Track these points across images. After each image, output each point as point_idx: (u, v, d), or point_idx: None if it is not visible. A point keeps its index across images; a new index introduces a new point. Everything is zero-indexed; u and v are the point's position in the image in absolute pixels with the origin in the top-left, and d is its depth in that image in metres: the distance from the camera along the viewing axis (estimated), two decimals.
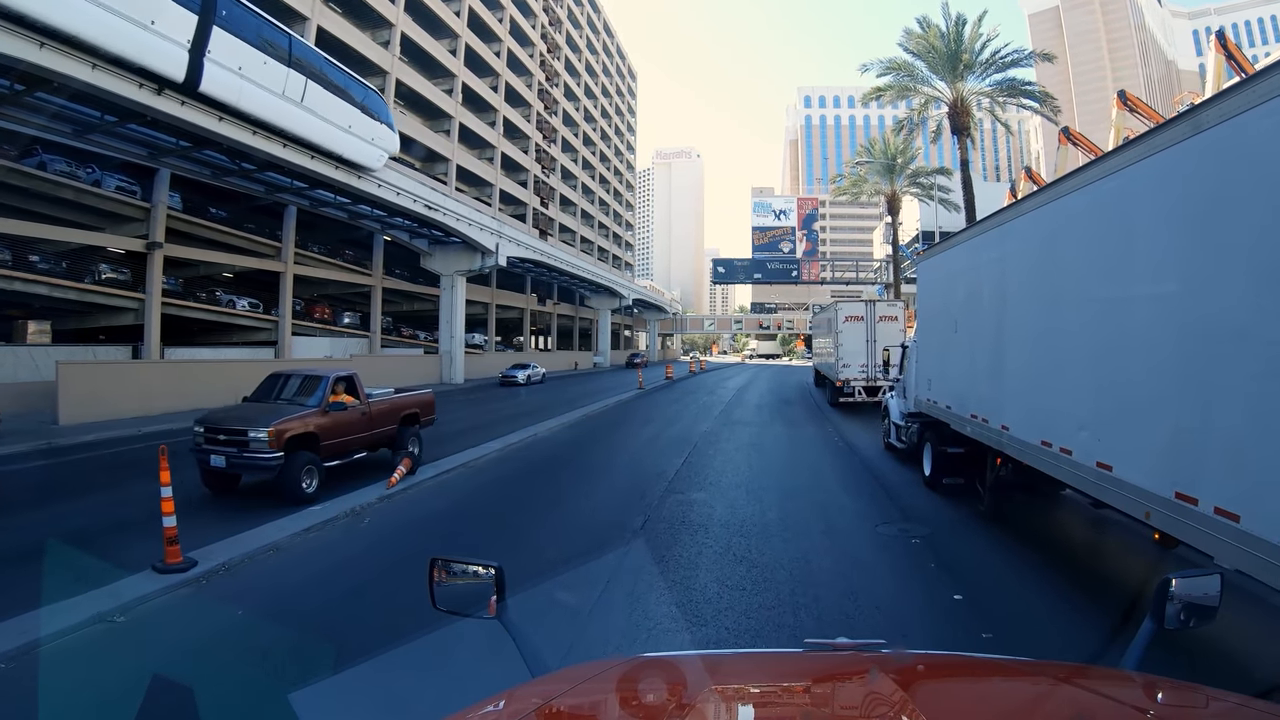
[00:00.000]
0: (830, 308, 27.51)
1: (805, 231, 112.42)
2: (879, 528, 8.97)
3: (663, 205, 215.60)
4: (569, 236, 71.51)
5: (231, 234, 28.56)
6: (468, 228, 34.89)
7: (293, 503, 9.69)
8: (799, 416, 22.93)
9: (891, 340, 21.93)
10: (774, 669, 2.08)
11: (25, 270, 21.60)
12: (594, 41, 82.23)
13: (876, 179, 46.66)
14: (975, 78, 31.44)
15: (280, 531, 8.51)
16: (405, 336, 42.76)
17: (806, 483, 12.12)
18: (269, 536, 8.33)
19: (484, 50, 50.90)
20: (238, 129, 20.17)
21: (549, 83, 65.33)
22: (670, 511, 9.66)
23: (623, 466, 13.40)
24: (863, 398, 23.20)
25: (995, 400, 8.90)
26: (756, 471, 13.00)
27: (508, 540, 8.46)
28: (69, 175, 22.61)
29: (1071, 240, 6.94)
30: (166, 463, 7.19)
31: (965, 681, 1.89)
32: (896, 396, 14.79)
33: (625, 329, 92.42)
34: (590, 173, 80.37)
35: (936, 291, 12.01)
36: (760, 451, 15.41)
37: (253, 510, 9.47)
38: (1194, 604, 1.88)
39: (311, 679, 4.65)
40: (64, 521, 9.20)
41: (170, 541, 7.10)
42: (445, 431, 18.62)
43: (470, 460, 13.33)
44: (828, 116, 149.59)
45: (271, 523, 8.77)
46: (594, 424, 20.38)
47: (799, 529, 8.91)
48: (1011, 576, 7.26)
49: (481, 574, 2.10)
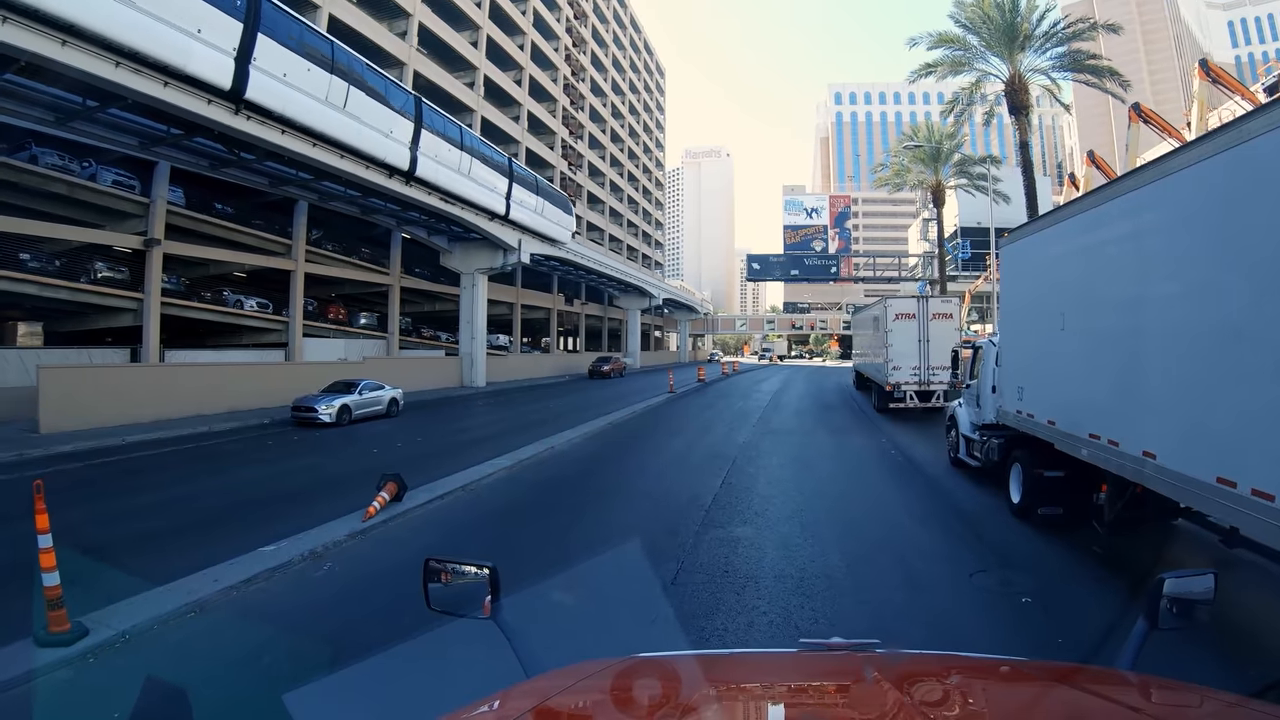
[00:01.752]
0: (876, 304, 25.47)
1: (838, 230, 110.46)
2: (974, 577, 6.98)
3: (692, 205, 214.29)
4: (597, 235, 69.72)
5: (238, 230, 27.07)
6: (488, 223, 33.11)
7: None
8: (845, 424, 20.78)
9: (944, 340, 20.36)
10: (769, 669, 2.10)
11: (14, 269, 20.19)
12: (621, 36, 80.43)
13: (920, 168, 44.08)
14: (1034, 52, 28.96)
15: (212, 582, 6.70)
16: (425, 338, 41.15)
17: (869, 511, 10.09)
18: (197, 590, 6.54)
19: (507, 43, 49.33)
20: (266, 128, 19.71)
21: (575, 77, 63.67)
22: (709, 556, 7.68)
23: (651, 490, 11.35)
24: (914, 403, 21.20)
25: (1129, 417, 6.82)
26: (808, 495, 10.97)
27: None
28: (61, 169, 21.25)
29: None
30: (43, 503, 5.49)
31: (959, 681, 1.85)
32: (966, 405, 12.75)
33: (655, 329, 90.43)
34: (619, 170, 78.58)
35: (1030, 280, 9.83)
36: (808, 468, 13.35)
37: (197, 548, 7.74)
38: (1187, 603, 1.85)
39: (306, 679, 4.61)
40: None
41: (53, 605, 5.43)
42: (453, 442, 16.89)
43: (472, 481, 11.39)
44: (859, 113, 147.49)
45: (208, 570, 6.96)
46: (620, 433, 18.41)
47: (873, 581, 6.97)
48: (1159, 652, 5.19)
49: (476, 574, 2.06)
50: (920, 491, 11.35)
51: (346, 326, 33.50)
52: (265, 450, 15.69)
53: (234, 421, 19.31)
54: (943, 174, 43.72)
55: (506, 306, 47.49)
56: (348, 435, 18.07)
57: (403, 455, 14.49)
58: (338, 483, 11.62)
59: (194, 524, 9.08)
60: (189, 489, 11.45)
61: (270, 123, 20.12)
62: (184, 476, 12.71)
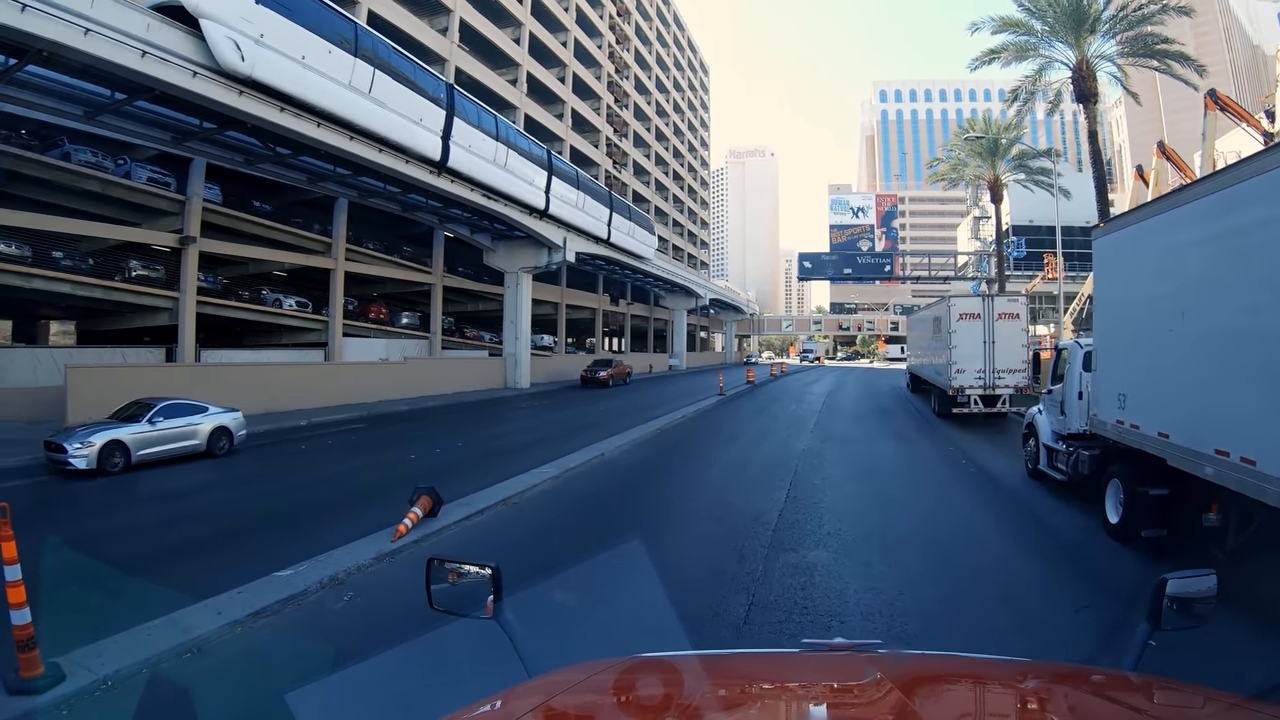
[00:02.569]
0: (937, 304, 24.00)
1: (884, 229, 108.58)
2: (1080, 613, 5.96)
3: (737, 204, 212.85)
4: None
5: (277, 228, 26.41)
6: (531, 220, 32.19)
7: None
8: (907, 430, 19.33)
9: (1011, 342, 19.51)
10: (771, 669, 2.09)
11: (48, 267, 19.79)
12: (664, 34, 79.25)
13: (977, 162, 42.06)
14: (1102, 36, 27.10)
15: (215, 616, 5.71)
16: (469, 338, 40.36)
17: (951, 531, 8.80)
18: (196, 625, 5.55)
19: (550, 40, 48.47)
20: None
21: (618, 75, 62.68)
22: (783, 588, 6.49)
23: (710, 504, 10.03)
24: (978, 408, 19.73)
25: (1273, 434, 5.56)
26: (882, 510, 9.77)
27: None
28: (94, 165, 20.74)
29: None
30: (9, 529, 4.58)
31: (961, 682, 1.86)
32: (1048, 412, 11.45)
33: (701, 329, 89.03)
34: (663, 168, 77.40)
35: (1136, 273, 8.35)
36: (877, 479, 12.03)
37: (203, 572, 6.77)
38: (1190, 604, 1.84)
39: (309, 679, 4.58)
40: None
41: (24, 646, 4.55)
42: (496, 448, 15.85)
43: (514, 494, 10.17)
44: (904, 111, 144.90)
45: (211, 600, 5.99)
46: (672, 439, 17.09)
47: (973, 620, 5.86)
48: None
49: (479, 574, 2.04)
50: (1003, 508, 10.18)
51: (388, 326, 32.79)
52: (299, 455, 14.90)
53: (269, 423, 18.58)
54: (1001, 168, 41.71)
55: (551, 306, 46.52)
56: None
57: (435, 467, 13.57)
58: (370, 492, 10.71)
59: (205, 542, 8.16)
60: (208, 499, 10.61)
61: (305, 115, 19.45)
62: (203, 485, 11.86)
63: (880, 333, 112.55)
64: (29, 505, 9.93)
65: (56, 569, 6.53)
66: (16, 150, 18.77)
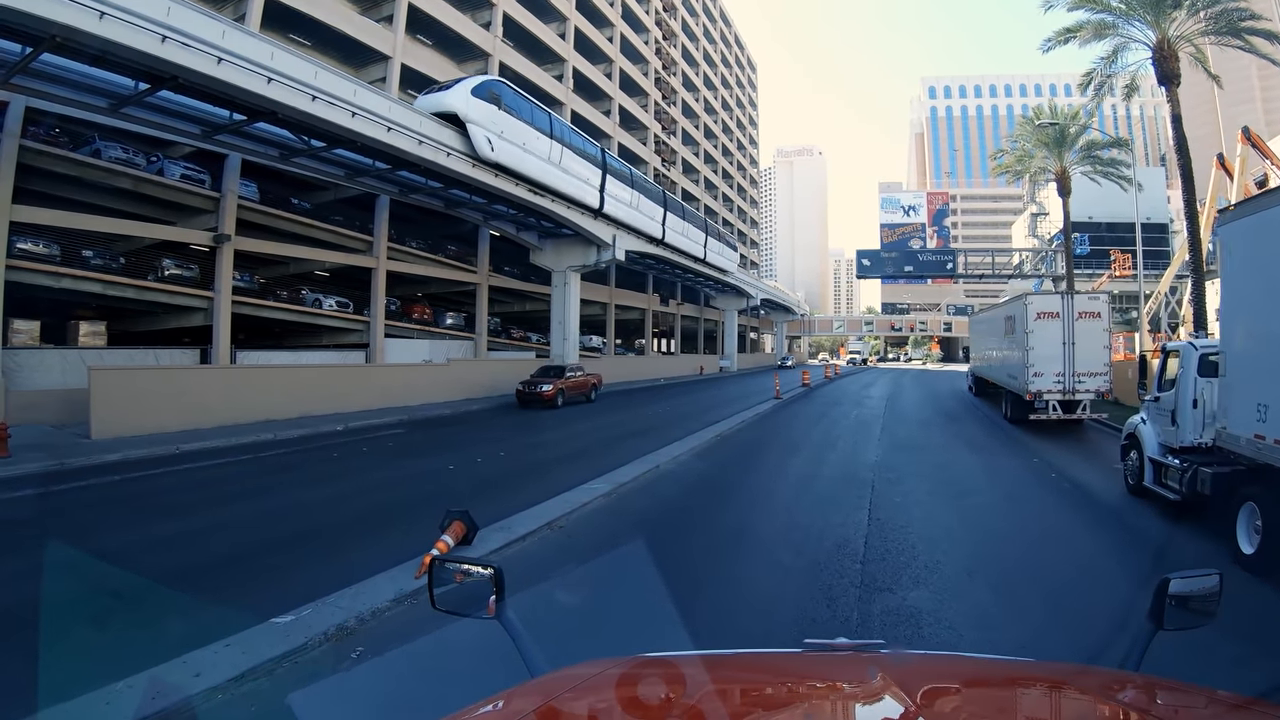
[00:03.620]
0: (1010, 302, 22.51)
1: (936, 228, 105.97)
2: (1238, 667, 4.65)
3: (785, 205, 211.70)
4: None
5: (316, 226, 25.53)
6: (579, 216, 30.99)
7: None
8: (980, 438, 17.61)
9: (1091, 342, 18.41)
10: (773, 669, 2.07)
11: (79, 267, 19.17)
12: (711, 30, 77.70)
13: (1043, 153, 39.64)
14: (1187, 10, 24.89)
15: (193, 678, 4.47)
16: (515, 339, 39.29)
17: (1064, 562, 7.40)
18: (163, 694, 4.32)
19: (595, 35, 47.37)
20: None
21: (666, 71, 61.35)
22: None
23: (785, 528, 8.53)
24: (1057, 414, 18.31)
25: None
26: (978, 536, 8.40)
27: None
28: (126, 162, 20.07)
29: None
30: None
31: (964, 682, 1.84)
32: (1153, 422, 10.12)
33: (751, 330, 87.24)
34: (713, 166, 75.83)
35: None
36: (962, 497, 10.46)
37: (189, 611, 5.63)
38: (1192, 604, 1.84)
39: (311, 679, 4.47)
40: None
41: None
42: (540, 458, 14.37)
43: (561, 515, 8.72)
44: (954, 108, 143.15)
45: (189, 655, 4.75)
46: (732, 448, 15.45)
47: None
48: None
49: (481, 574, 2.01)
50: (1112, 534, 8.69)
51: (432, 327, 31.82)
52: (329, 463, 13.80)
53: (303, 428, 17.62)
54: (1068, 159, 39.25)
55: (600, 307, 45.32)
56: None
57: (474, 479, 12.37)
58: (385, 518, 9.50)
59: (200, 569, 6.94)
60: (218, 516, 9.40)
61: (339, 103, 18.52)
62: (221, 497, 10.70)
63: (933, 333, 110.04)
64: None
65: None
66: (42, 146, 18.09)
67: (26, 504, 10.01)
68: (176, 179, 20.95)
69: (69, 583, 6.48)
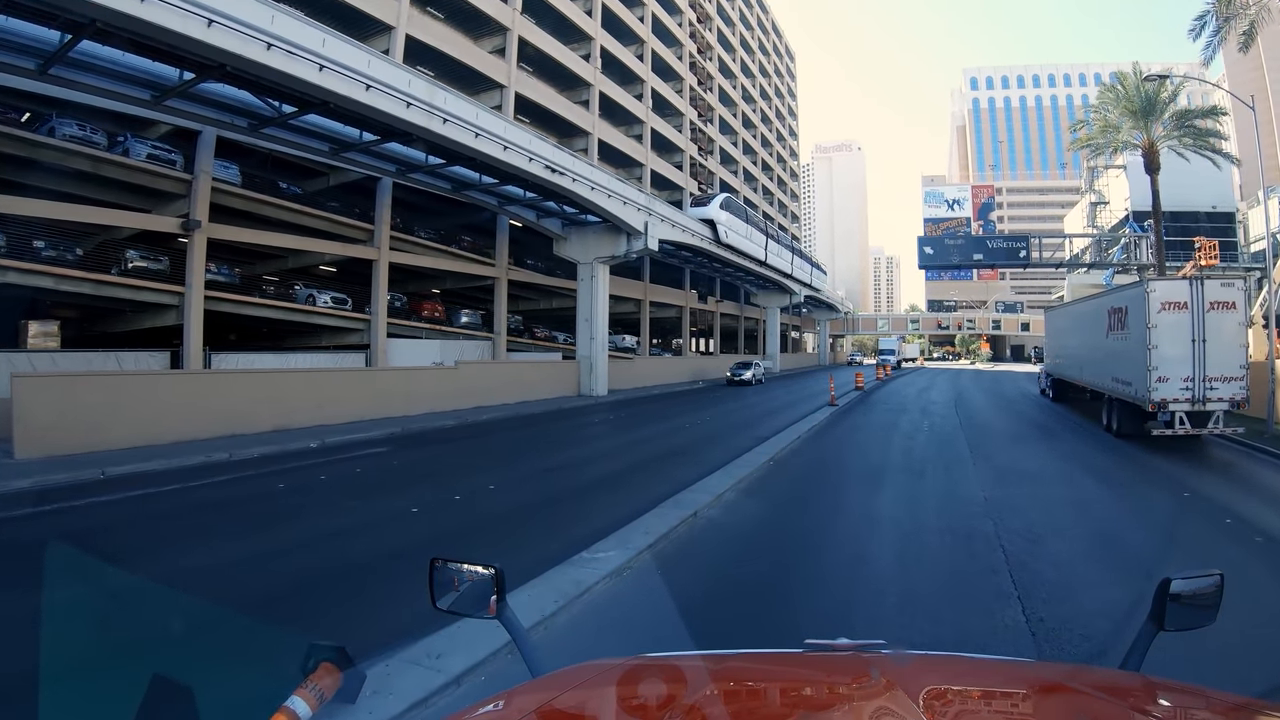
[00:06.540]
0: (1124, 290, 19.04)
1: (981, 222, 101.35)
2: None
3: (824, 200, 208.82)
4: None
5: (308, 213, 22.70)
6: (606, 200, 27.51)
7: None
8: (1096, 460, 13.93)
9: (1226, 339, 14.96)
10: (774, 669, 2.03)
11: (27, 259, 16.51)
12: (747, 14, 73.94)
13: (1130, 123, 35.33)
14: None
15: None
16: (539, 339, 36.09)
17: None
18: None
19: (625, 13, 44.18)
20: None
21: (701, 55, 57.88)
22: None
23: (897, 637, 5.20)
24: (1184, 428, 14.81)
25: None
26: (1201, 659, 4.55)
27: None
28: (82, 140, 17.37)
29: None
30: None
31: (965, 682, 1.81)
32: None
33: (793, 329, 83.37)
34: (751, 157, 72.05)
35: None
36: (1139, 567, 6.70)
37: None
38: (1193, 604, 1.78)
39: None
40: None
41: None
42: (543, 493, 10.69)
43: (562, 605, 5.42)
44: (997, 99, 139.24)
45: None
46: (791, 479, 11.90)
47: None
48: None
49: (482, 574, 1.93)
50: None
51: (444, 325, 28.77)
52: (263, 501, 10.61)
53: (269, 445, 14.60)
54: (1156, 130, 34.95)
55: (633, 304, 42.09)
56: None
57: (434, 534, 9.08)
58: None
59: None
60: (88, 588, 6.31)
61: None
62: (66, 567, 7.41)
63: (981, 331, 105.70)
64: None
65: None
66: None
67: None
68: (143, 159, 18.17)
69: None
